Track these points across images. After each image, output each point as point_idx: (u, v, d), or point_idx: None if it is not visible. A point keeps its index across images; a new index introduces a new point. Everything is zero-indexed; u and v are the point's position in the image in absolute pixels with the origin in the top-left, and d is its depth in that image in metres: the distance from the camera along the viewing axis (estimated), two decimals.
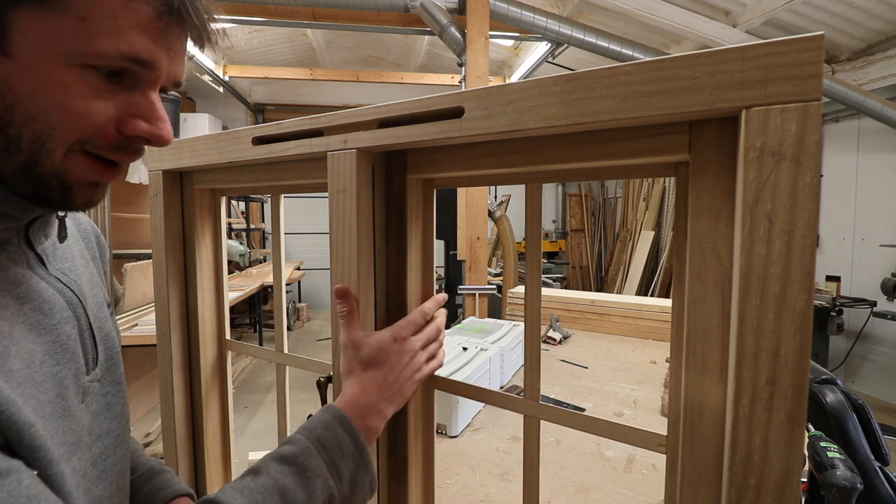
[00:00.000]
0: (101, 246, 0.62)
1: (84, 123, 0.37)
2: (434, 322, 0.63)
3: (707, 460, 0.42)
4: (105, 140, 0.38)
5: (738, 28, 4.03)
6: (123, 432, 0.51)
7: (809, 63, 0.33)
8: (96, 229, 0.63)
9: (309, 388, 3.78)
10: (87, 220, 0.62)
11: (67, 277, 0.47)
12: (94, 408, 0.46)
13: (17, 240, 0.42)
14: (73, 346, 0.43)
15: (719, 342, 0.41)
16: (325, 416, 0.52)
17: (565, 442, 1.15)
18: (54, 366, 0.40)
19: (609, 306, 2.26)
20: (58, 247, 0.49)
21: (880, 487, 0.91)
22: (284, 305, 0.81)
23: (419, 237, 0.65)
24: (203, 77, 5.45)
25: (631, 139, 0.44)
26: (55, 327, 0.41)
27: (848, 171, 4.46)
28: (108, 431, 0.47)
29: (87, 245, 0.58)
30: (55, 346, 0.41)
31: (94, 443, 0.45)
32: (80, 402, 0.43)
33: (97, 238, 0.62)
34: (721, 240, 0.40)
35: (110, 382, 0.50)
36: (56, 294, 0.43)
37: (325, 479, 0.48)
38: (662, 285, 6.21)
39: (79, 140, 0.37)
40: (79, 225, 0.58)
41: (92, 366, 0.46)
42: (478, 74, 3.70)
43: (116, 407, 0.50)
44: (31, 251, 0.44)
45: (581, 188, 8.57)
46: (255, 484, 0.45)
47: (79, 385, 0.43)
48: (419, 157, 0.60)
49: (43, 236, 0.46)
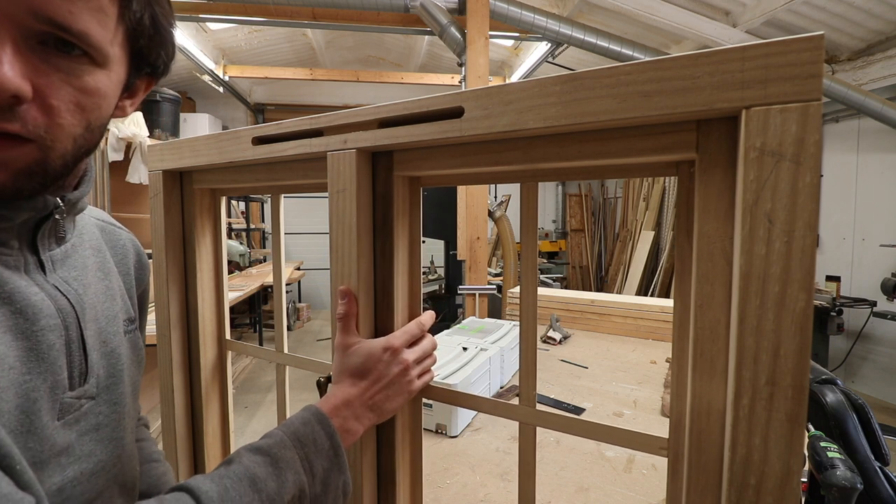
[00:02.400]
0: (141, 264, 0.60)
1: None
2: (431, 337, 0.62)
3: (715, 463, 0.41)
4: None
5: (738, 28, 4.03)
6: (109, 458, 0.46)
7: (809, 63, 0.33)
8: (139, 248, 0.61)
9: (309, 388, 3.78)
10: (128, 237, 0.60)
11: (68, 286, 0.45)
12: (79, 427, 0.43)
13: (18, 243, 0.41)
14: (53, 357, 0.40)
15: (727, 344, 0.40)
16: (303, 413, 0.52)
17: (565, 442, 1.15)
18: (23, 374, 0.37)
19: (609, 306, 2.26)
20: (70, 255, 0.47)
21: (880, 487, 0.91)
22: (284, 305, 0.81)
23: (406, 237, 0.64)
24: (203, 77, 5.45)
25: (634, 138, 0.44)
26: (36, 334, 0.39)
27: (848, 171, 4.46)
28: (89, 454, 0.44)
29: (119, 261, 0.56)
30: (30, 354, 0.38)
31: (70, 465, 0.41)
32: (53, 419, 0.40)
33: (138, 256, 0.60)
34: (729, 240, 0.40)
35: (106, 402, 0.47)
36: (46, 300, 0.41)
37: (297, 473, 0.46)
38: (662, 285, 6.21)
39: None
40: (116, 240, 0.57)
41: (79, 381, 0.43)
42: (478, 74, 3.70)
43: (107, 429, 0.46)
44: (33, 256, 0.42)
45: (581, 188, 8.57)
46: (226, 471, 0.43)
47: (55, 400, 0.40)
48: (405, 155, 0.59)
49: (53, 243, 0.44)
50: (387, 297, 0.62)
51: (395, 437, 0.63)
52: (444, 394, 0.66)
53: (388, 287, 0.62)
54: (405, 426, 0.65)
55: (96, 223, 0.56)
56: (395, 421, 0.63)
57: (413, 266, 0.65)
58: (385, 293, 0.63)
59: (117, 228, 0.60)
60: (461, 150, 0.54)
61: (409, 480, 0.67)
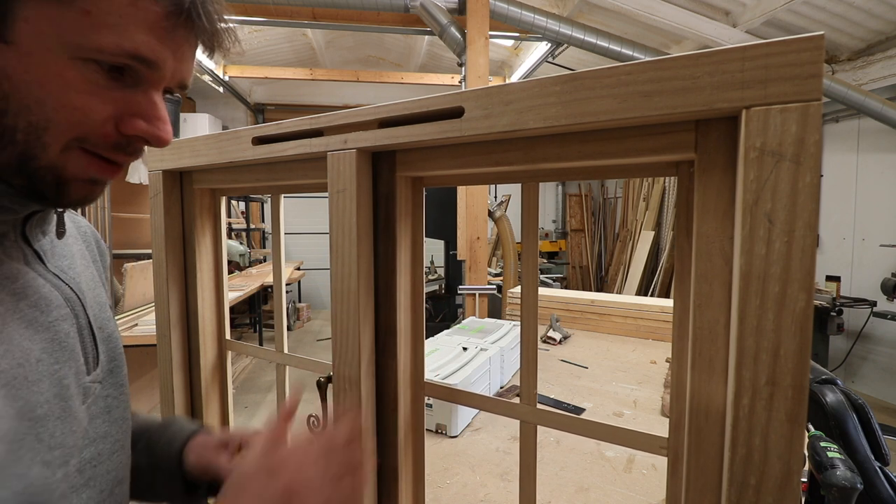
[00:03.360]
0: (101, 249, 0.61)
1: (81, 118, 0.36)
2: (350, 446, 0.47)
3: (714, 463, 0.42)
4: (103, 138, 0.38)
5: (738, 28, 4.02)
6: (123, 437, 0.49)
7: (809, 63, 0.33)
8: (95, 233, 0.62)
9: (309, 388, 3.76)
10: (86, 223, 0.61)
11: (66, 275, 0.46)
12: (93, 410, 0.45)
13: (14, 235, 0.41)
14: (71, 345, 0.42)
15: (726, 344, 0.40)
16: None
17: (565, 442, 1.15)
18: (52, 364, 0.39)
19: (609, 306, 2.26)
20: (56, 244, 0.48)
21: (880, 487, 0.91)
22: (284, 305, 0.81)
23: (408, 237, 0.64)
24: (203, 77, 5.45)
25: (633, 138, 0.44)
26: (52, 325, 0.40)
27: (848, 171, 4.45)
28: (104, 436, 0.46)
29: (87, 247, 0.57)
30: (53, 344, 0.40)
31: (87, 447, 0.43)
32: (81, 403, 0.42)
33: (97, 241, 0.61)
34: (728, 240, 0.40)
35: (112, 385, 0.48)
36: (54, 291, 0.42)
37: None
38: (662, 285, 6.21)
39: (77, 137, 0.37)
40: (78, 227, 0.58)
41: (93, 366, 0.45)
42: (478, 74, 3.70)
43: (117, 410, 0.48)
44: (28, 247, 0.43)
45: (581, 188, 8.57)
46: None
47: (80, 385, 0.42)
48: (408, 155, 0.59)
49: (40, 233, 0.45)
50: (389, 297, 0.63)
51: (397, 437, 0.64)
52: (445, 392, 0.66)
53: (390, 286, 0.62)
54: (407, 425, 0.65)
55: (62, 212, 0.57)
56: (398, 420, 0.63)
57: (415, 266, 0.65)
58: (388, 293, 0.63)
59: (77, 216, 0.61)
60: (462, 150, 0.54)
61: (411, 479, 0.67)
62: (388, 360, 0.63)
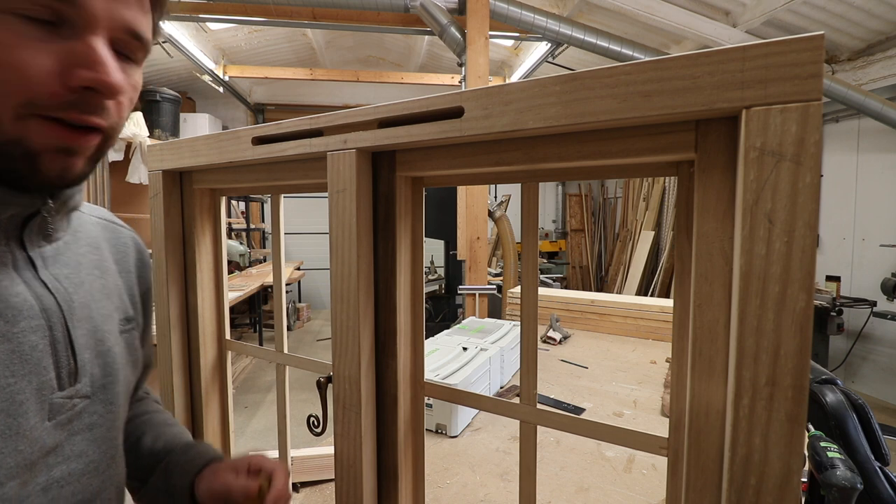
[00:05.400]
0: (142, 262, 0.60)
1: (21, 77, 0.34)
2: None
3: (714, 463, 0.42)
4: (52, 97, 0.35)
5: (738, 28, 4.02)
6: (100, 457, 0.46)
7: (809, 63, 0.33)
8: (141, 246, 0.60)
9: (309, 388, 3.78)
10: (129, 234, 0.60)
11: (58, 284, 0.44)
12: (72, 426, 0.43)
13: (6, 239, 0.40)
14: (37, 358, 0.40)
15: (726, 343, 0.40)
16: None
17: (565, 442, 1.15)
18: (6, 377, 0.37)
19: (609, 306, 2.26)
20: (62, 251, 0.46)
21: (880, 487, 0.91)
22: (284, 305, 0.81)
23: (408, 237, 0.64)
24: (203, 77, 5.45)
25: (633, 138, 0.44)
26: (17, 336, 0.39)
27: (848, 171, 4.45)
28: (79, 455, 0.43)
29: (118, 259, 0.56)
30: (12, 356, 0.38)
31: (58, 465, 0.41)
32: (43, 420, 0.40)
33: (139, 253, 0.59)
34: (728, 240, 0.40)
35: (101, 402, 0.46)
36: (29, 300, 0.40)
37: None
38: (662, 285, 6.21)
39: (26, 101, 0.34)
40: (117, 238, 0.57)
41: (69, 381, 0.43)
42: (478, 74, 3.70)
43: (101, 429, 0.46)
44: (21, 252, 0.42)
45: (581, 188, 8.57)
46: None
47: (43, 400, 0.40)
48: (408, 155, 0.59)
49: (42, 239, 0.44)
50: (389, 297, 0.63)
51: (397, 436, 0.64)
52: (445, 392, 0.66)
53: (390, 286, 0.62)
54: (407, 425, 0.65)
55: (97, 221, 0.56)
56: (398, 419, 0.63)
57: (415, 266, 0.65)
58: (388, 293, 0.63)
59: (119, 226, 0.60)
60: (462, 150, 0.54)
61: (411, 478, 0.67)
62: (387, 359, 0.63)
